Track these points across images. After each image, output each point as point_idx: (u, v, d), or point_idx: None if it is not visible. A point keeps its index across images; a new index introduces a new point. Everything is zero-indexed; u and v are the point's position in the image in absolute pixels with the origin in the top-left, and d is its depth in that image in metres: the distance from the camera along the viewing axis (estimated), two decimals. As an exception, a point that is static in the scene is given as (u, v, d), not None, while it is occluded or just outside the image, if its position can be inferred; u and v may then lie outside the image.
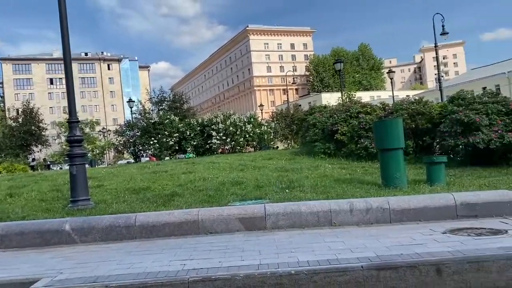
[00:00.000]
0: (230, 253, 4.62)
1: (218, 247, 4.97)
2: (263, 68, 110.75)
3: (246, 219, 5.84)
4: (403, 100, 12.70)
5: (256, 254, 4.50)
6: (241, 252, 4.64)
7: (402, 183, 7.13)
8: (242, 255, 4.48)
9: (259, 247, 4.83)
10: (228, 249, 4.84)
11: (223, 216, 5.83)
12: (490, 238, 4.53)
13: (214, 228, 5.81)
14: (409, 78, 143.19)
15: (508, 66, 60.56)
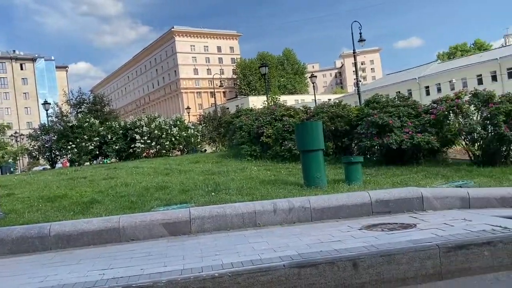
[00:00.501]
0: (153, 260, 4.49)
1: (141, 254, 4.81)
2: (190, 70, 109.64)
3: (170, 224, 5.72)
4: (324, 103, 13.29)
5: (180, 259, 4.42)
6: (165, 258, 4.54)
7: (322, 183, 7.43)
8: (165, 261, 4.38)
9: (184, 252, 4.75)
10: (151, 255, 4.70)
11: (146, 222, 5.67)
12: (401, 232, 4.86)
13: (137, 235, 5.62)
14: (330, 82, 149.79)
15: (418, 72, 65.84)
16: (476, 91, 10.53)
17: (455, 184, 7.34)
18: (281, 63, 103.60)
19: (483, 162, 9.82)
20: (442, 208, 6.23)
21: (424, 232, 4.72)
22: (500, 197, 6.54)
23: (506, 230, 4.44)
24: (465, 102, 10.32)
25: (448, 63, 66.39)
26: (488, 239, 4.23)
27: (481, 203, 6.38)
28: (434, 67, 65.97)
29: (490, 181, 7.68)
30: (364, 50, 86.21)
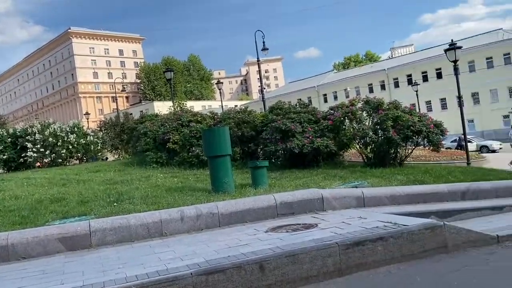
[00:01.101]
0: (48, 278, 4.13)
1: (34, 273, 4.40)
2: (89, 73, 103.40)
3: (68, 239, 5.32)
4: (231, 109, 13.45)
5: (79, 275, 4.12)
6: (61, 275, 4.20)
7: (230, 188, 7.49)
8: (62, 279, 4.05)
9: (83, 267, 4.44)
10: (45, 273, 4.32)
11: (39, 238, 5.20)
12: (304, 232, 5.08)
13: (29, 252, 5.13)
14: (236, 89, 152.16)
15: (317, 81, 69.82)
16: (368, 98, 11.47)
17: (351, 184, 7.89)
18: (187, 68, 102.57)
19: (375, 164, 10.70)
20: (340, 208, 6.65)
21: (325, 231, 4.99)
22: (390, 195, 7.18)
23: (396, 226, 4.87)
24: (358, 109, 11.18)
25: (343, 73, 71.44)
26: (381, 235, 4.60)
27: (374, 201, 6.93)
28: (331, 76, 70.51)
29: (381, 181, 8.40)
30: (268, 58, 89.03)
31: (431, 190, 7.53)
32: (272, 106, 12.72)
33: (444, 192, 7.51)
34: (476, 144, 32.67)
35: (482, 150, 31.40)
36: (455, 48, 13.33)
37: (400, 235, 4.62)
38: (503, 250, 4.85)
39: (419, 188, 7.58)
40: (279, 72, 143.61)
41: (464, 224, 5.68)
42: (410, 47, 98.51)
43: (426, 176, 8.89)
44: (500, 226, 5.65)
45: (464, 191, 7.61)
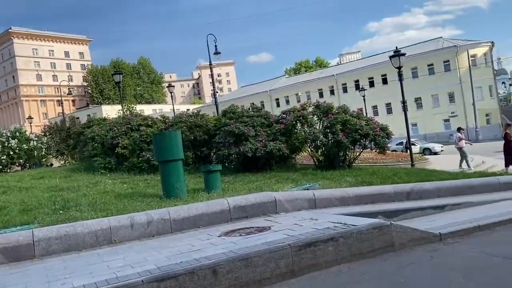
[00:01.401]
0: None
1: (-31, 288, 4.11)
2: (32, 76, 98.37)
3: (9, 249, 5.02)
4: (182, 113, 13.26)
5: (21, 287, 3.90)
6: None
7: (182, 193, 7.38)
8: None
9: (26, 279, 4.21)
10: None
11: (-24, 250, 4.86)
12: (257, 235, 5.11)
13: (-36, 266, 4.79)
14: (188, 93, 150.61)
15: (269, 85, 70.60)
16: (318, 103, 11.75)
17: (303, 187, 8.04)
18: (137, 71, 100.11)
19: (326, 166, 10.97)
20: (293, 210, 6.75)
21: (278, 233, 5.04)
22: (340, 196, 7.38)
23: (346, 226, 5.00)
24: (309, 113, 11.42)
25: (294, 78, 72.75)
26: (331, 236, 4.70)
27: (325, 203, 7.10)
28: (282, 81, 71.58)
29: (332, 183, 8.61)
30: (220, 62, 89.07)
31: (378, 191, 7.81)
32: (225, 110, 12.70)
33: (391, 192, 7.82)
34: (420, 147, 34.37)
35: (425, 152, 33.05)
36: (399, 55, 13.96)
37: (350, 235, 4.75)
38: (445, 247, 5.12)
39: (367, 189, 7.84)
40: (232, 76, 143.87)
41: (409, 223, 5.94)
42: (357, 53, 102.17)
43: (374, 177, 9.22)
44: (442, 224, 5.96)
45: (408, 192, 7.97)
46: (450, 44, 51.52)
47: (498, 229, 5.81)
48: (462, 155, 15.82)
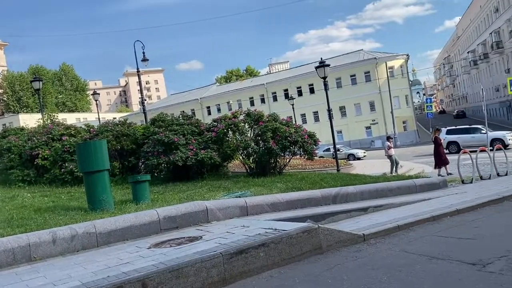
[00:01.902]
0: None
1: None
2: None
3: None
4: (109, 122, 12.77)
5: None
6: None
7: (109, 205, 7.09)
8: None
9: None
10: None
11: None
12: (188, 245, 5.04)
13: None
14: (115, 100, 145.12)
15: (200, 93, 70.22)
16: (249, 111, 11.91)
17: (235, 195, 8.08)
18: (58, 78, 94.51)
19: (257, 173, 11.13)
20: (225, 218, 6.75)
21: (209, 242, 5.01)
22: (271, 203, 7.52)
23: (276, 232, 5.11)
24: (241, 121, 11.54)
25: (225, 86, 73.04)
26: (262, 241, 4.77)
27: (256, 209, 7.19)
28: (213, 89, 71.53)
29: (263, 190, 8.75)
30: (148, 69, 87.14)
31: (307, 195, 8.08)
32: (154, 118, 12.41)
33: (318, 197, 8.12)
34: (344, 153, 36.13)
35: (349, 157, 34.80)
36: (324, 66, 14.61)
37: (280, 240, 4.86)
38: (368, 247, 5.41)
39: (296, 194, 8.07)
40: (161, 84, 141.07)
41: (336, 226, 6.20)
42: (285, 63, 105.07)
43: (303, 183, 9.51)
44: (366, 226, 6.29)
45: (335, 195, 8.33)
46: (370, 56, 54.81)
47: (415, 228, 6.25)
48: (392, 162, 16.60)
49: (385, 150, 17.26)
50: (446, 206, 7.39)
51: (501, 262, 4.32)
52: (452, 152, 24.62)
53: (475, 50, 66.06)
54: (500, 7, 53.30)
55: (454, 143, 26.65)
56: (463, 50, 77.88)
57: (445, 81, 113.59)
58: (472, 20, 67.89)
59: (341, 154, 34.75)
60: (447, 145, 25.73)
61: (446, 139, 26.33)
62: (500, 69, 54.06)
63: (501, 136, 25.49)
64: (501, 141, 24.39)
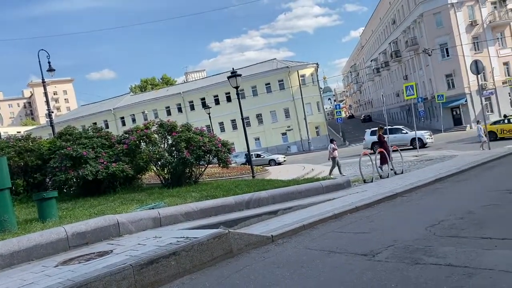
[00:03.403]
0: None
1: None
2: None
3: None
4: (10, 137, 11.98)
5: None
6: None
7: (11, 225, 6.70)
8: None
9: None
10: None
11: None
12: (98, 260, 4.99)
13: None
14: (19, 113, 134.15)
15: (113, 103, 67.54)
16: (161, 121, 11.88)
17: (148, 206, 8.05)
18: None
19: (172, 184, 11.13)
20: (137, 230, 6.73)
21: (120, 255, 5.01)
22: (185, 212, 7.63)
23: (188, 240, 5.25)
24: (154, 132, 11.47)
25: (140, 95, 71.06)
26: (173, 250, 4.89)
27: (170, 220, 7.25)
28: (127, 99, 69.22)
29: (178, 200, 8.82)
30: (56, 79, 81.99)
31: (221, 203, 8.30)
32: (60, 131, 11.86)
33: (232, 203, 8.39)
34: (266, 159, 37.14)
35: (270, 163, 35.83)
36: (235, 76, 15.01)
37: (191, 247, 5.01)
38: (276, 247, 5.77)
39: (210, 202, 8.26)
40: (70, 94, 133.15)
41: (247, 230, 6.51)
42: (202, 72, 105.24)
43: (218, 190, 9.73)
44: (274, 227, 6.67)
45: (248, 201, 8.66)
46: (283, 65, 56.94)
47: (319, 226, 6.78)
48: (335, 164, 16.92)
49: (329, 152, 17.29)
50: (347, 204, 8.07)
51: (388, 251, 4.89)
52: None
53: (377, 59, 71.73)
54: (396, 19, 58.54)
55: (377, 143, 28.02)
56: (367, 58, 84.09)
57: (352, 88, 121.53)
58: (374, 30, 73.65)
59: (263, 160, 36.14)
60: (372, 145, 26.88)
61: (370, 140, 27.68)
62: (399, 76, 59.32)
63: (419, 135, 27.00)
64: (420, 140, 26.49)
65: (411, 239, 5.26)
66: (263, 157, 37.77)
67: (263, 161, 36.17)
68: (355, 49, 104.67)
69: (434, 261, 4.31)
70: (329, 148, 17.58)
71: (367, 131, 30.17)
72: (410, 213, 7.46)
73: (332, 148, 17.02)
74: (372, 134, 27.80)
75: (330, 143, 17.53)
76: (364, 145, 29.42)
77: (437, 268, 4.08)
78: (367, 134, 29.57)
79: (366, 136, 29.72)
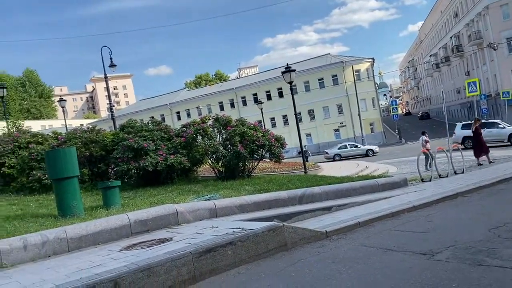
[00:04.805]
0: None
1: None
2: None
3: None
4: (76, 128, 12.72)
5: None
6: None
7: (79, 210, 7.17)
8: None
9: None
10: None
11: None
12: (159, 246, 5.23)
13: None
14: (82, 107, 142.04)
15: (169, 98, 69.76)
16: (217, 116, 12.15)
17: (204, 198, 8.29)
18: (22, 84, 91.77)
19: (226, 177, 11.36)
20: (194, 220, 6.97)
21: (179, 243, 5.23)
22: (239, 204, 7.79)
23: (243, 231, 5.37)
24: (209, 126, 11.76)
25: (195, 91, 72.89)
26: (230, 240, 5.03)
27: (225, 211, 7.44)
28: (183, 94, 71.25)
29: (232, 192, 9.01)
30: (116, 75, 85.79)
31: (274, 197, 8.38)
32: (123, 124, 12.46)
33: (285, 198, 8.44)
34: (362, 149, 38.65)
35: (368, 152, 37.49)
36: (290, 71, 15.03)
37: (247, 238, 5.13)
38: (330, 242, 5.75)
39: (264, 196, 8.37)
40: (129, 89, 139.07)
41: (300, 224, 6.53)
42: (255, 68, 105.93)
43: (271, 185, 9.83)
44: (329, 223, 6.65)
45: (301, 196, 8.67)
46: (337, 60, 56.07)
47: (375, 224, 6.66)
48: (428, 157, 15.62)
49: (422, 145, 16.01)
50: (404, 203, 7.86)
51: (448, 251, 4.73)
52: (468, 147, 22.27)
53: (437, 54, 68.68)
54: (459, 12, 55.69)
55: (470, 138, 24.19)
56: (426, 53, 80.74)
57: (410, 84, 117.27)
58: (434, 24, 70.54)
59: (360, 150, 38.23)
60: (462, 140, 24.63)
61: (462, 134, 25.31)
62: (461, 71, 56.48)
63: None
64: None
65: (473, 240, 5.05)
66: (359, 147, 39.27)
67: (361, 151, 38.14)
68: (413, 44, 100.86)
69: (499, 263, 4.12)
70: (420, 141, 16.47)
71: (458, 125, 27.51)
72: (472, 213, 7.14)
73: (425, 141, 15.99)
74: (464, 127, 25.44)
75: (422, 135, 16.42)
76: (454, 139, 25.17)
77: (501, 271, 3.90)
78: (458, 128, 26.99)
79: (457, 130, 26.91)
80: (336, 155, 37.94)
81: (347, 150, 38.37)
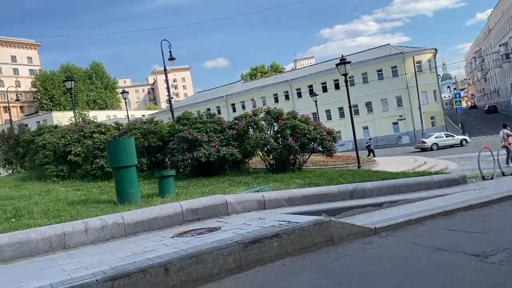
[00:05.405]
0: None
1: None
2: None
3: (-41, 259, 5.05)
4: (136, 120, 13.35)
5: (-25, 293, 4.02)
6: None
7: (136, 198, 7.58)
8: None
9: (-21, 285, 4.31)
10: None
11: None
12: (208, 235, 5.43)
13: None
14: (143, 98, 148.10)
15: (225, 91, 70.83)
16: (269, 109, 12.24)
17: (253, 189, 8.44)
18: (89, 76, 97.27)
19: (277, 170, 11.45)
20: (243, 211, 7.12)
21: (227, 232, 5.39)
22: (288, 197, 7.84)
23: (290, 224, 5.43)
24: (261, 119, 11.87)
25: (250, 83, 73.41)
26: (276, 232, 5.11)
27: (273, 203, 7.53)
28: (238, 87, 72.03)
29: (281, 185, 9.08)
30: (176, 67, 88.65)
31: (324, 191, 8.34)
32: (178, 116, 12.92)
33: (335, 192, 8.38)
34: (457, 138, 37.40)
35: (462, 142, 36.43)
36: (344, 63, 14.76)
37: (293, 231, 5.18)
38: (379, 239, 5.66)
39: (313, 189, 8.35)
40: (188, 81, 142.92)
41: (349, 220, 6.47)
42: (311, 59, 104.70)
43: (321, 179, 9.78)
44: (378, 220, 6.53)
45: (352, 191, 8.56)
46: (397, 51, 54.01)
47: (427, 222, 6.45)
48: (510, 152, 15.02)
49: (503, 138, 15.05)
50: (460, 202, 7.53)
51: (503, 254, 4.51)
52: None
53: (507, 43, 64.10)
54: (533, -2, 51.52)
55: None
56: (495, 43, 75.60)
57: (476, 75, 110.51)
58: (505, 12, 65.77)
59: (455, 140, 37.14)
60: None
61: None
62: (534, 62, 52.33)
63: None
64: None
65: (533, 244, 4.77)
66: (454, 137, 38.01)
67: (456, 140, 37.05)
68: (481, 33, 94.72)
69: (559, 270, 3.88)
70: (501, 134, 15.39)
71: None
72: (536, 216, 6.70)
73: (506, 134, 14.97)
74: None
75: (503, 129, 15.30)
76: None
77: (561, 278, 3.67)
78: None
79: None
80: (434, 144, 36.42)
81: (443, 140, 37.14)
